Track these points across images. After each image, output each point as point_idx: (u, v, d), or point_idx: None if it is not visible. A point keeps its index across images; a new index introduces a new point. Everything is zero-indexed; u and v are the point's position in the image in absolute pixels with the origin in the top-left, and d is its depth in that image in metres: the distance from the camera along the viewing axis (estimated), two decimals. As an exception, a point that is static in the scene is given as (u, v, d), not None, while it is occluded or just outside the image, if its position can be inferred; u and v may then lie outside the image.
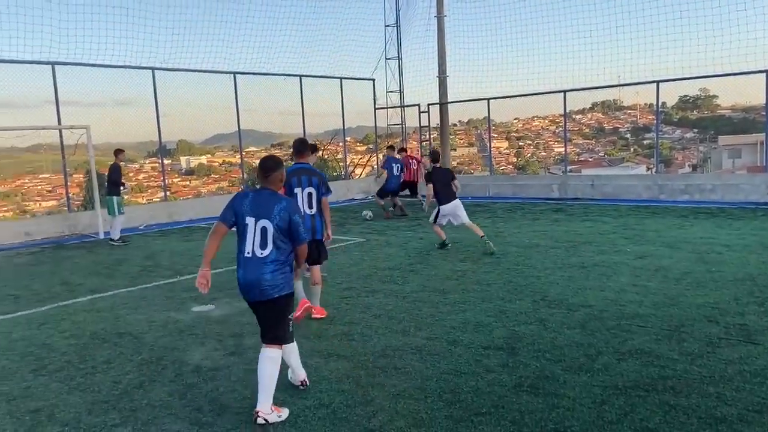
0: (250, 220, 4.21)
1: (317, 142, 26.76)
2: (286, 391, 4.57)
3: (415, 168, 15.81)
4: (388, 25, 22.04)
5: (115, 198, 12.31)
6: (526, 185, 17.98)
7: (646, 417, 3.91)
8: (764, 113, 15.07)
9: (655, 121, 18.21)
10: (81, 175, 16.52)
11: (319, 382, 4.73)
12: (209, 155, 30.62)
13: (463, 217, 10.01)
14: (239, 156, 18.91)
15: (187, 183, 28.50)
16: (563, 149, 20.62)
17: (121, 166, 12.68)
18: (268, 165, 4.36)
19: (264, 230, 4.21)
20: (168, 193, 18.07)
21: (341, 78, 20.40)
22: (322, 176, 6.55)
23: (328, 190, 6.55)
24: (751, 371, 4.53)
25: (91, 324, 6.64)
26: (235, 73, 17.40)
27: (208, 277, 4.27)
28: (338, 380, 4.74)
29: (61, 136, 14.07)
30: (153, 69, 15.62)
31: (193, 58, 16.84)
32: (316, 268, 6.54)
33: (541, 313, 6.25)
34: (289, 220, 4.23)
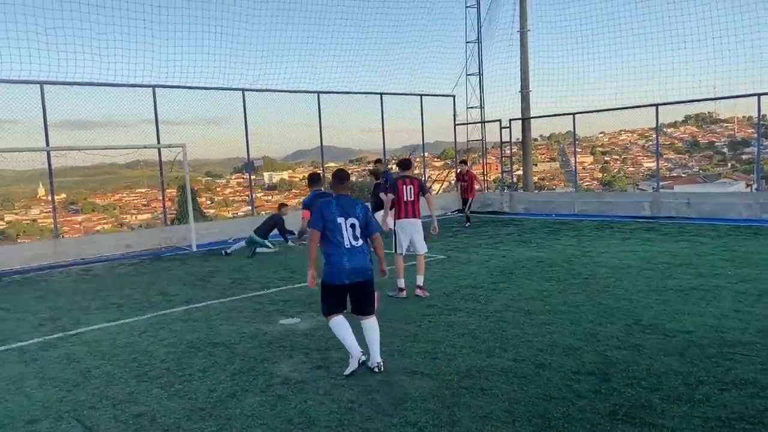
0: (341, 220, 5.30)
1: (394, 158, 27.03)
2: (371, 406, 4.61)
3: (466, 184, 16.57)
4: (469, 42, 22.02)
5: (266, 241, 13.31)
6: (614, 202, 17.33)
7: (755, 454, 3.66)
8: None
9: (755, 135, 17.12)
10: (174, 191, 17.44)
11: (404, 399, 4.74)
12: (290, 171, 31.59)
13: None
14: (319, 171, 19.34)
15: (270, 197, 29.50)
16: (654, 164, 19.75)
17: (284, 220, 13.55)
18: (344, 175, 5.66)
19: (353, 226, 5.35)
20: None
21: (421, 95, 20.55)
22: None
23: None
24: None
25: (187, 333, 6.98)
26: (318, 92, 17.91)
27: (316, 276, 5.48)
28: (423, 399, 4.74)
29: (159, 154, 14.97)
30: (243, 90, 16.36)
31: (280, 79, 17.52)
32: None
33: (635, 338, 5.99)
34: (367, 218, 5.45)
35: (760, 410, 4.22)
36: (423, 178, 22.32)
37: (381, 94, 19.40)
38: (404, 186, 8.35)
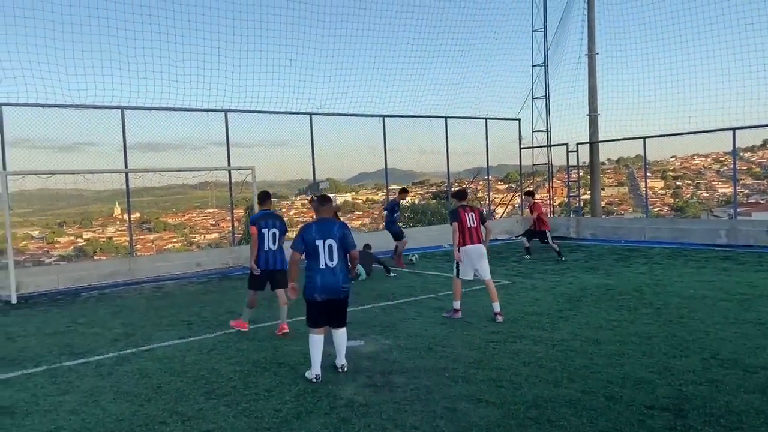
0: (319, 242, 5.98)
1: (456, 181, 26.90)
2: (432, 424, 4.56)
3: (535, 217, 15.06)
4: (535, 65, 21.83)
5: None
6: (688, 229, 16.60)
7: None
8: None
9: None
10: (241, 211, 17.97)
11: (469, 428, 4.66)
12: (353, 193, 32.04)
13: None
14: (381, 194, 19.49)
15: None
16: (729, 190, 18.85)
17: None
18: (326, 198, 6.41)
19: (330, 247, 6.00)
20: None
21: (486, 118, 20.46)
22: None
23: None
24: None
25: (253, 352, 7.12)
26: (384, 116, 18.14)
27: (297, 288, 6.17)
28: (488, 428, 4.64)
29: (230, 175, 15.50)
30: (311, 114, 16.77)
31: (345, 103, 17.88)
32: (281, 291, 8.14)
33: (713, 373, 5.69)
34: (342, 234, 6.06)
35: None
36: (487, 201, 22.14)
37: (446, 117, 19.44)
38: (466, 213, 8.50)
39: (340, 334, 6.26)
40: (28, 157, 13.44)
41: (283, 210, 25.92)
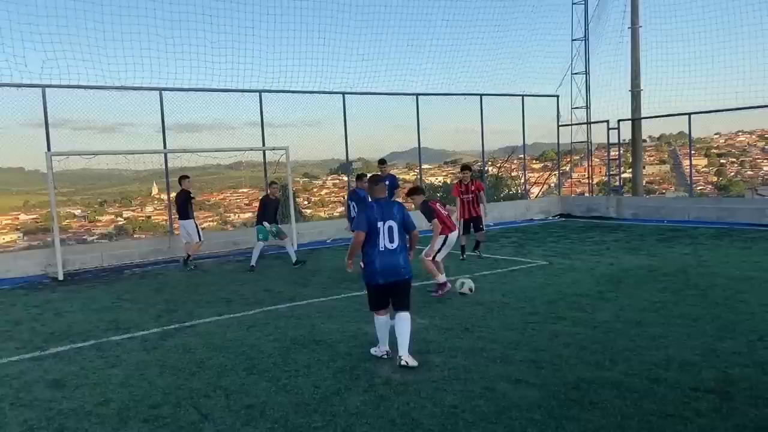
0: (380, 224, 5.80)
1: (490, 160, 26.57)
2: (473, 412, 4.55)
3: (470, 199, 12.24)
4: (575, 39, 21.26)
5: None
6: (733, 209, 16.09)
7: None
8: None
9: None
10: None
11: (508, 408, 4.63)
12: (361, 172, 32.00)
13: None
14: (413, 173, 19.39)
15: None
16: (778, 168, 18.16)
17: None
18: (381, 178, 6.76)
19: (391, 228, 5.82)
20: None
21: (523, 95, 20.07)
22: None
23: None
24: None
25: (291, 329, 7.21)
26: (417, 94, 17.94)
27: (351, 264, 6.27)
28: (528, 409, 4.61)
29: (264, 156, 15.61)
30: (344, 93, 16.71)
31: (378, 81, 17.75)
32: None
33: (759, 355, 5.53)
34: (403, 215, 5.94)
35: None
36: (522, 180, 21.82)
37: (481, 95, 19.13)
38: (436, 204, 9.05)
39: (404, 318, 5.82)
40: (71, 138, 13.82)
41: (315, 190, 26.05)
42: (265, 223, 12.33)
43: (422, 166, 19.37)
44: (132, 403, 5.11)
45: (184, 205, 12.69)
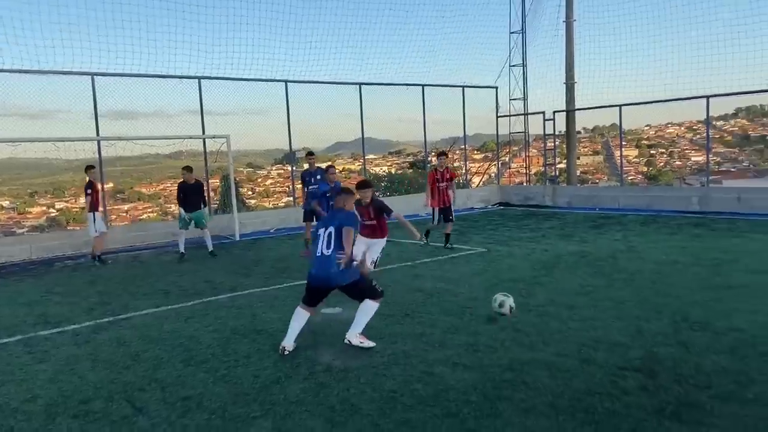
0: (321, 231, 5.97)
1: (433, 150, 26.85)
2: (412, 396, 4.63)
3: (445, 187, 11.91)
4: (513, 32, 21.71)
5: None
6: (661, 197, 16.87)
7: (812, 458, 3.53)
8: None
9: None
10: (216, 181, 17.73)
11: (446, 391, 4.74)
12: (330, 162, 31.87)
13: None
14: (358, 163, 19.41)
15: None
16: (702, 158, 19.17)
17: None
18: (344, 190, 6.44)
19: (330, 234, 5.83)
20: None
21: (463, 86, 20.36)
22: None
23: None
24: None
25: (231, 320, 7.12)
26: (360, 84, 17.93)
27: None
28: (465, 391, 4.73)
29: (204, 144, 15.26)
30: (286, 82, 16.51)
31: (323, 70, 17.66)
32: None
33: (683, 335, 5.84)
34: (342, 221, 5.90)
35: (817, 412, 4.07)
36: (463, 171, 22.18)
37: (423, 85, 19.29)
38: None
39: (361, 305, 5.93)
40: (-6, 125, 13.07)
41: (259, 180, 25.69)
42: (181, 210, 12.07)
43: (367, 156, 19.38)
44: (61, 399, 4.94)
45: (91, 197, 11.82)
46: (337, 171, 10.52)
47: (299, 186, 13.25)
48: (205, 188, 12.52)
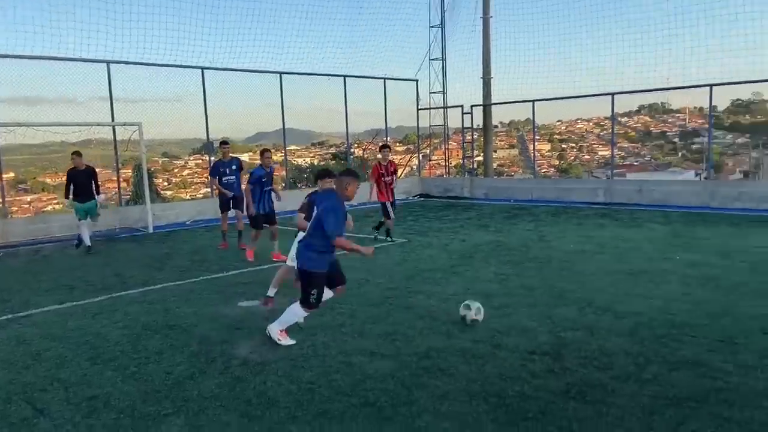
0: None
1: (356, 142, 26.83)
2: (330, 387, 4.64)
3: (390, 181, 11.63)
4: (432, 26, 22.02)
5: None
6: (570, 189, 17.70)
7: (697, 429, 3.83)
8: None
9: (705, 125, 17.70)
10: (128, 171, 16.97)
11: (363, 380, 4.77)
12: (251, 153, 31.21)
13: None
14: (280, 154, 19.14)
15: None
16: (608, 153, 20.24)
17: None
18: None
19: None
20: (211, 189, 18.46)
21: (385, 78, 20.47)
22: None
23: None
24: (810, 387, 4.38)
25: (143, 315, 6.85)
26: (281, 73, 17.65)
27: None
28: (382, 379, 4.78)
29: (114, 132, 14.54)
30: (203, 68, 15.99)
31: (242, 58, 17.22)
32: None
33: (588, 320, 6.17)
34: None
35: (707, 389, 4.40)
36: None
37: (344, 76, 19.23)
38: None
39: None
40: None
41: (176, 170, 24.78)
42: (75, 203, 11.28)
43: (289, 147, 19.12)
44: (-48, 404, 4.58)
45: None
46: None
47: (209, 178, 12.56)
48: (97, 174, 11.64)
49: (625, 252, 9.63)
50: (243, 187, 10.68)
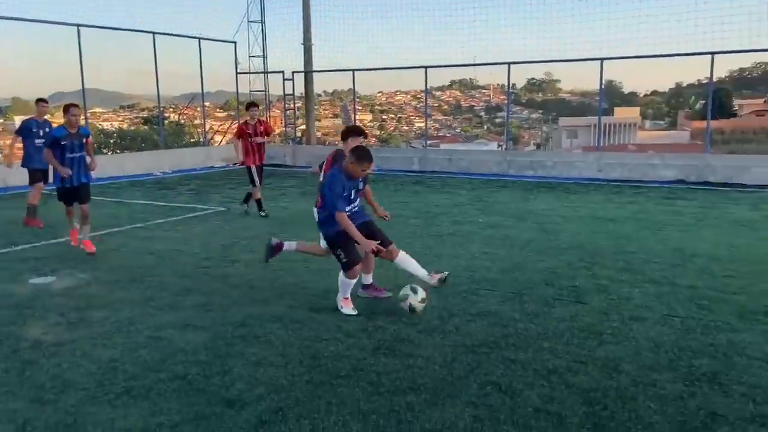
0: None
1: (172, 106, 25.24)
2: (136, 363, 4.38)
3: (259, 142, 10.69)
4: (251, -13, 21.24)
5: None
6: (388, 157, 18.42)
7: (489, 371, 4.26)
8: (598, 98, 16.71)
9: (506, 101, 19.43)
10: None
11: (174, 354, 4.57)
12: (49, 115, 27.93)
13: None
14: (83, 117, 17.33)
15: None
16: (424, 124, 21.37)
17: None
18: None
19: None
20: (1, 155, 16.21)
21: (200, 38, 19.38)
22: None
23: None
24: (578, 327, 5.09)
25: None
26: (79, 25, 15.85)
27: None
28: (194, 351, 4.62)
29: None
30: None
31: (33, 7, 15.15)
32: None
33: (400, 281, 6.49)
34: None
35: (498, 336, 4.90)
36: (204, 129, 21.29)
37: (153, 33, 17.81)
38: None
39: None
40: None
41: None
42: None
43: (94, 110, 17.37)
44: None
45: None
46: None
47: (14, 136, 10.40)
48: None
49: (436, 216, 10.30)
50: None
